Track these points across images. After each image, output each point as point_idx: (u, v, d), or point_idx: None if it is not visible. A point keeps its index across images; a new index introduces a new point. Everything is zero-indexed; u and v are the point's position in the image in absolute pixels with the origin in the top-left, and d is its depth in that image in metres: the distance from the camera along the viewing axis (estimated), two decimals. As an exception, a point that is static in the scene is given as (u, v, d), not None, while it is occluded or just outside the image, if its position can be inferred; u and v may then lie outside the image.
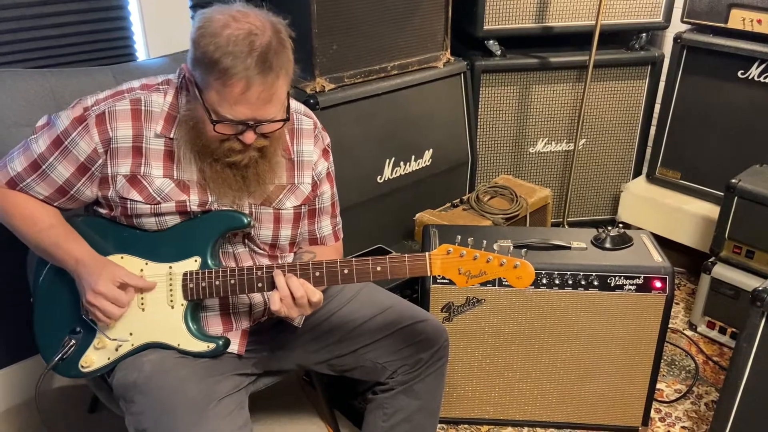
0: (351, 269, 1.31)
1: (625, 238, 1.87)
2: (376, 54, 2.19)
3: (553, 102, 2.64)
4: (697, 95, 2.47)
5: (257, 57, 1.17)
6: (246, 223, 1.36)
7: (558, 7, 2.50)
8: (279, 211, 1.43)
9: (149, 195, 1.33)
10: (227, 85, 1.18)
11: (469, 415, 1.97)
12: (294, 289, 1.29)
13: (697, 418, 2.04)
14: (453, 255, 1.28)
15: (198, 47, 1.19)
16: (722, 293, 2.28)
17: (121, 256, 1.36)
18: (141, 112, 1.31)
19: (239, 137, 1.25)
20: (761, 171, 2.22)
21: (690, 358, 2.29)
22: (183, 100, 1.31)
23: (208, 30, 1.19)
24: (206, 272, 1.34)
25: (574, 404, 1.94)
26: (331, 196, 1.55)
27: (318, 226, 1.55)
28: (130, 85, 1.35)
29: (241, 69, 1.16)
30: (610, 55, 2.59)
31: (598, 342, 1.85)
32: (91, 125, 1.29)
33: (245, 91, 1.18)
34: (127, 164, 1.32)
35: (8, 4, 1.75)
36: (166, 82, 1.35)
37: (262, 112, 1.22)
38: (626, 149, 2.78)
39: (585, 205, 2.85)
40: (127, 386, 1.32)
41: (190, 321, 1.36)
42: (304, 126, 1.47)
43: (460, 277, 1.29)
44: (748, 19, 2.27)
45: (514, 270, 1.28)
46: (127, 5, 1.96)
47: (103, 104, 1.31)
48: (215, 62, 1.17)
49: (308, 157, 1.46)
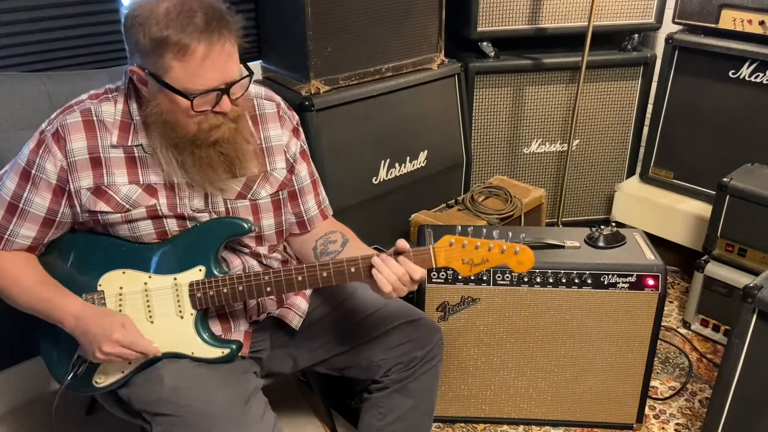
0: (358, 267, 1.31)
1: (618, 237, 1.89)
2: (370, 56, 2.20)
3: (546, 103, 2.66)
4: (689, 95, 2.49)
5: (202, 17, 1.16)
6: (247, 228, 1.34)
7: (551, 9, 2.51)
8: (256, 201, 1.41)
9: (117, 204, 1.30)
10: (187, 54, 1.16)
11: (464, 414, 1.98)
12: (395, 269, 1.29)
13: (691, 415, 2.06)
14: (455, 246, 1.29)
15: (141, 37, 1.17)
16: (715, 291, 2.30)
17: (122, 271, 1.35)
18: (93, 123, 1.29)
19: (215, 110, 1.23)
20: (753, 170, 2.24)
21: (684, 355, 2.31)
22: (134, 106, 1.29)
23: (143, 17, 1.17)
24: (212, 281, 1.33)
25: (570, 402, 1.95)
26: (309, 174, 1.52)
27: (304, 209, 1.52)
28: (79, 99, 1.33)
29: (195, 33, 1.15)
30: (602, 56, 2.60)
31: (592, 340, 1.87)
32: (51, 144, 1.27)
33: (207, 54, 1.16)
34: (88, 176, 1.29)
35: (3, 8, 1.75)
36: (115, 89, 1.32)
37: (229, 72, 1.21)
38: (619, 149, 2.80)
39: (579, 205, 2.87)
40: (151, 402, 1.31)
41: (201, 329, 1.35)
42: (267, 111, 1.43)
43: (463, 267, 1.30)
44: (739, 20, 2.29)
45: (515, 255, 1.29)
46: (121, 8, 1.97)
47: (55, 121, 1.29)
48: (165, 40, 1.15)
49: (277, 141, 1.43)
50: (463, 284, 1.82)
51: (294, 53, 2.10)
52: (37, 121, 1.54)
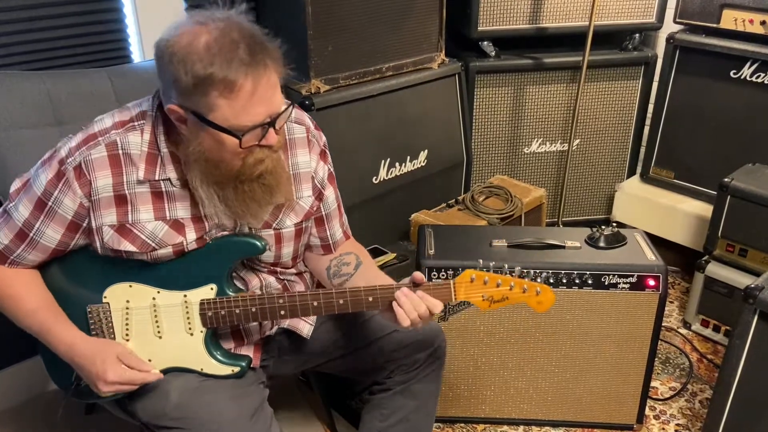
0: (375, 297, 1.28)
1: (618, 237, 1.89)
2: (371, 55, 2.20)
3: (547, 102, 2.65)
4: (690, 95, 2.48)
5: (246, 49, 1.08)
6: (261, 249, 1.29)
7: (552, 8, 2.51)
8: (280, 231, 1.37)
9: (143, 242, 1.25)
10: (234, 91, 1.08)
11: (465, 414, 1.98)
12: (416, 305, 1.26)
13: (692, 416, 2.06)
14: (476, 281, 1.28)
15: (182, 75, 1.08)
16: (716, 291, 2.29)
17: (129, 284, 1.31)
18: (119, 157, 1.21)
19: (261, 143, 1.16)
20: (754, 170, 2.24)
21: (684, 356, 2.31)
22: (162, 137, 1.22)
23: (182, 54, 1.08)
24: (225, 300, 1.29)
25: (570, 402, 1.95)
26: (335, 198, 1.48)
27: (330, 233, 1.48)
28: (103, 125, 1.24)
29: (241, 68, 1.08)
30: (603, 56, 2.60)
31: (592, 340, 1.86)
32: (72, 179, 1.20)
33: (255, 89, 1.09)
34: (111, 214, 1.23)
35: (3, 6, 1.75)
36: (141, 115, 1.24)
37: (275, 104, 1.15)
38: (620, 149, 2.80)
39: (579, 204, 2.87)
40: (156, 416, 1.29)
41: (212, 347, 1.33)
42: (296, 135, 1.38)
43: (483, 303, 1.30)
44: (740, 19, 2.29)
45: (536, 296, 1.29)
46: (122, 7, 1.96)
47: (77, 154, 1.21)
48: (210, 77, 1.07)
49: (305, 168, 1.38)
50: (464, 284, 1.81)
51: (294, 52, 2.10)
52: (37, 120, 1.55)
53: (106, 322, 1.32)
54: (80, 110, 1.59)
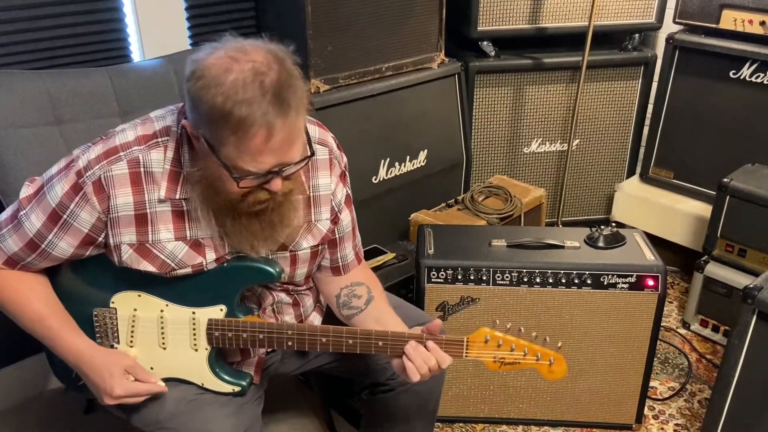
0: (386, 344, 1.26)
1: (617, 237, 1.89)
2: (370, 55, 2.20)
3: (547, 102, 2.65)
4: (690, 95, 2.48)
5: (272, 97, 1.03)
6: (276, 277, 1.27)
7: (551, 8, 2.51)
8: (296, 253, 1.33)
9: (163, 263, 1.22)
10: (247, 137, 1.03)
11: (464, 414, 1.98)
12: (427, 359, 1.24)
13: (690, 416, 2.06)
14: (491, 343, 1.26)
15: (202, 102, 1.04)
16: (715, 291, 2.30)
17: (138, 294, 1.29)
18: (140, 175, 1.17)
19: (265, 186, 1.13)
20: (753, 170, 2.24)
21: (683, 356, 2.31)
22: (186, 156, 1.17)
23: (209, 80, 1.03)
24: (233, 323, 1.28)
25: (569, 402, 1.95)
26: (351, 221, 1.43)
27: (341, 255, 1.43)
28: (125, 138, 1.19)
29: (259, 116, 1.02)
30: (603, 56, 2.60)
31: (591, 340, 1.86)
32: (90, 194, 1.16)
33: (268, 139, 1.04)
34: (131, 232, 1.20)
35: (4, 6, 1.75)
36: (165, 131, 1.19)
37: (288, 156, 1.09)
38: (620, 149, 2.80)
39: (579, 204, 2.87)
40: (148, 423, 1.29)
41: (215, 364, 1.32)
42: (319, 157, 1.32)
43: (493, 364, 1.28)
44: (740, 20, 2.29)
45: (549, 365, 1.29)
46: (122, 6, 1.97)
47: (97, 168, 1.16)
48: (227, 115, 1.02)
49: (325, 191, 1.34)
50: (463, 284, 1.81)
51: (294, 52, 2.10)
52: (37, 120, 1.55)
53: (111, 327, 1.32)
54: (80, 109, 1.58)
